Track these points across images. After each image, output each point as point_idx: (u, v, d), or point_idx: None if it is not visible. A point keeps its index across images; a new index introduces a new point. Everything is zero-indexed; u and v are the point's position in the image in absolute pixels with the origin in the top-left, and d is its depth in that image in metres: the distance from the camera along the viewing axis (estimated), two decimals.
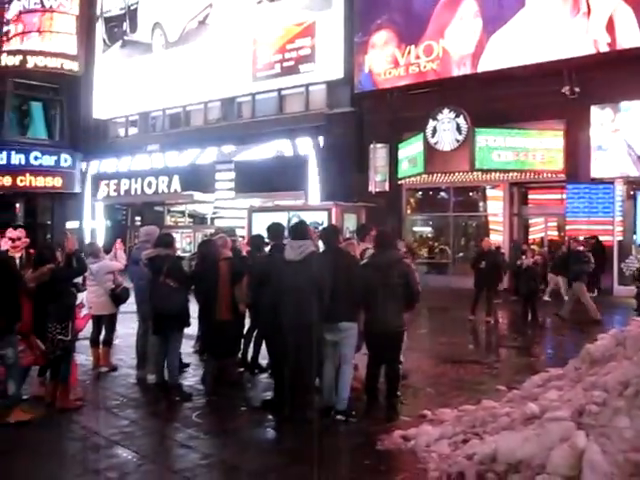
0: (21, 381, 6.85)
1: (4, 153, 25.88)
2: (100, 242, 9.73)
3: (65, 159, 26.89)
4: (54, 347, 6.94)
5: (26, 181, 25.97)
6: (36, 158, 26.24)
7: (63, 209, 27.18)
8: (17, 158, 26.01)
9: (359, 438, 6.11)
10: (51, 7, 28.42)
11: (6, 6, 29.03)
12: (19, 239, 7.67)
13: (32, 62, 27.56)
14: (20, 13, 28.60)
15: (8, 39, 28.73)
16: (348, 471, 5.33)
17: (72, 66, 28.35)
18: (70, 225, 24.96)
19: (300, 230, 6.76)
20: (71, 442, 6.19)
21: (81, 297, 7.77)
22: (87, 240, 20.72)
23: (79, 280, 7.56)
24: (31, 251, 7.97)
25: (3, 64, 27.62)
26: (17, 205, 27.53)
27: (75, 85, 28.59)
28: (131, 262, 8.70)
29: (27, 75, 27.83)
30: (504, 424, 5.34)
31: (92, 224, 26.22)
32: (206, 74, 24.01)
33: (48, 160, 26.46)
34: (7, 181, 25.88)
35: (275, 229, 7.44)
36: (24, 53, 27.62)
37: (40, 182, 26.21)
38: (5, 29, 29.05)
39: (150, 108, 26.64)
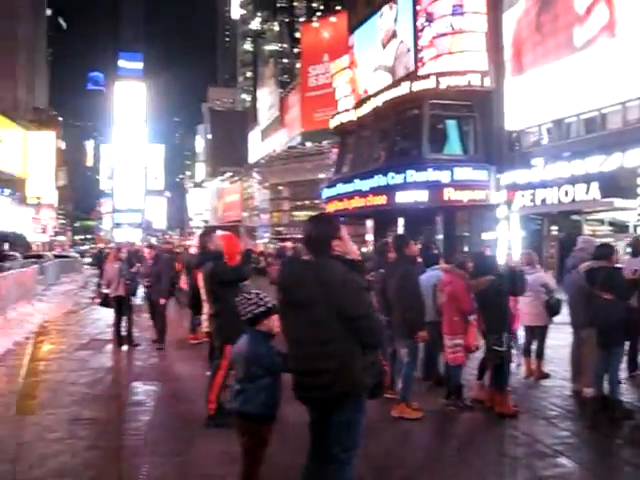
0: (410, 384, 7.29)
1: (427, 171, 27.75)
2: (515, 254, 9.86)
3: (482, 172, 27.86)
4: (491, 357, 7.34)
5: (448, 195, 27.41)
6: (455, 173, 27.54)
7: (480, 221, 28.04)
8: (437, 175, 27.68)
9: None
10: (460, 28, 29.76)
11: (419, 34, 31.28)
12: None
13: (445, 83, 29.03)
14: (433, 38, 30.56)
15: (423, 64, 30.93)
16: None
17: (484, 82, 29.21)
18: (486, 236, 25.72)
19: None
20: (514, 447, 6.40)
21: None
22: (500, 252, 21.02)
23: None
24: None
25: (420, 88, 29.68)
26: (437, 218, 29.37)
27: (487, 100, 29.32)
28: (565, 270, 8.68)
29: (441, 95, 29.44)
30: None
31: (507, 235, 26.64)
32: (622, 72, 22.68)
33: (465, 174, 27.64)
34: (431, 196, 27.64)
35: None
36: (438, 75, 29.30)
37: (460, 196, 27.52)
38: (420, 55, 31.36)
39: (563, 114, 26.08)
